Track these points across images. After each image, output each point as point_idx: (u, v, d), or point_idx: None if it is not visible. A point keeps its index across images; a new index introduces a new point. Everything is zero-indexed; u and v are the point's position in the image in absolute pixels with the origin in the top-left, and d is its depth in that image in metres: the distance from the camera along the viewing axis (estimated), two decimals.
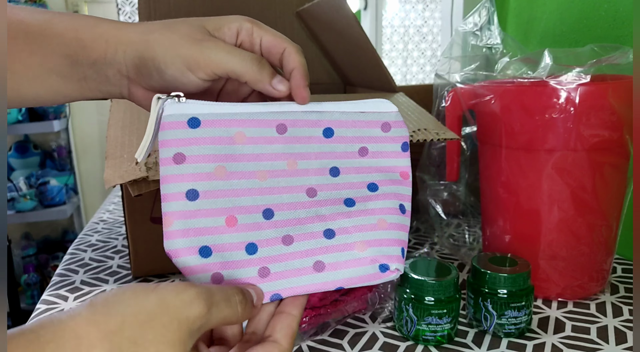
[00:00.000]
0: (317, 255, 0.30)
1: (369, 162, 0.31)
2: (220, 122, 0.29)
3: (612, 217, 0.50)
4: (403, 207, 0.32)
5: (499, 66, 0.53)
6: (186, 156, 0.28)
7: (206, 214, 0.28)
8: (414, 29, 1.80)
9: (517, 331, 0.45)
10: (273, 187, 0.30)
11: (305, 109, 0.30)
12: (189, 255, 0.28)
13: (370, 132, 0.31)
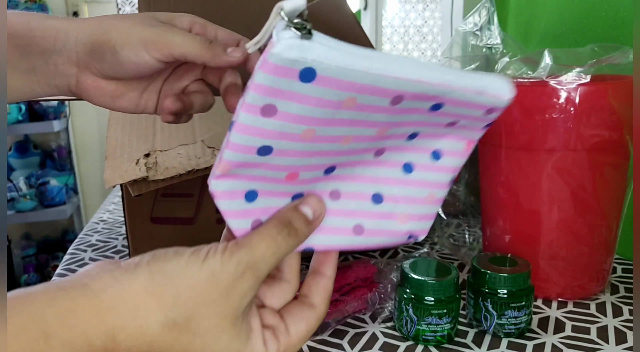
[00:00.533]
0: (360, 217, 0.30)
1: (448, 131, 0.29)
2: (338, 82, 0.23)
3: (612, 217, 0.50)
4: (452, 180, 0.32)
5: (499, 66, 0.53)
6: (278, 111, 0.23)
7: (270, 167, 0.25)
8: (414, 29, 1.80)
9: (517, 331, 0.45)
10: (351, 149, 0.27)
11: (436, 81, 0.25)
12: (233, 199, 0.26)
13: (474, 112, 0.28)
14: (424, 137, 0.30)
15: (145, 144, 0.46)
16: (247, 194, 0.26)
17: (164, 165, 0.44)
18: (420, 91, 0.25)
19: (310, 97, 0.23)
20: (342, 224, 0.29)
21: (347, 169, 0.29)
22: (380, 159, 0.30)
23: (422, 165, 0.30)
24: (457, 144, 0.31)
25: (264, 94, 0.22)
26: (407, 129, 0.28)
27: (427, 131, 0.29)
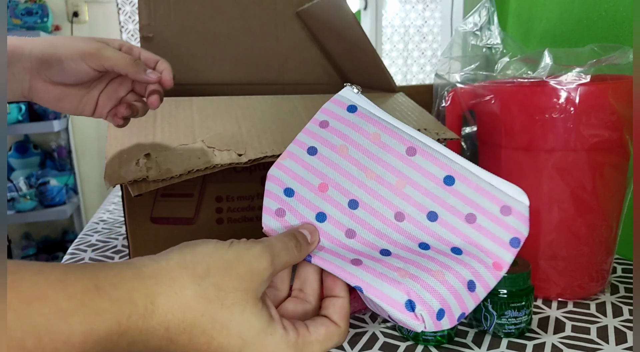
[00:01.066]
0: (361, 256, 0.31)
1: (470, 231, 0.29)
2: (369, 118, 0.34)
3: (612, 217, 0.50)
4: (474, 284, 0.28)
5: (499, 66, 0.53)
6: (329, 126, 0.34)
7: (311, 169, 0.33)
8: (414, 29, 1.80)
9: (517, 331, 0.45)
10: (373, 188, 0.32)
11: (440, 149, 0.31)
12: (277, 186, 0.33)
13: (488, 205, 0.29)
14: (445, 226, 0.30)
15: (145, 144, 0.46)
16: (286, 190, 0.33)
17: (164, 165, 0.44)
18: (430, 152, 0.31)
19: (350, 122, 0.34)
20: (344, 254, 0.31)
21: (369, 216, 0.31)
22: (400, 225, 0.31)
23: (438, 251, 0.30)
24: (483, 255, 0.29)
25: (325, 115, 0.35)
26: (426, 199, 0.30)
27: (447, 218, 0.30)
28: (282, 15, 0.76)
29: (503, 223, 0.29)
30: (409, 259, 0.30)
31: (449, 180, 0.30)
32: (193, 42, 0.73)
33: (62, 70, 0.40)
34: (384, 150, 0.32)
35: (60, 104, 0.42)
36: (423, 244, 0.30)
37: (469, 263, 0.29)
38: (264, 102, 0.57)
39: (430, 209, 0.30)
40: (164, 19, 0.72)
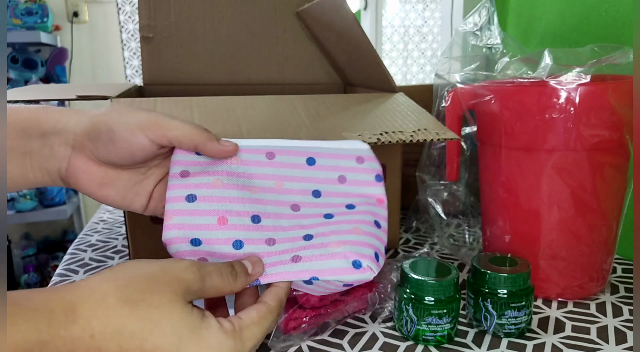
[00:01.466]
0: (295, 251, 0.33)
1: (347, 188, 0.35)
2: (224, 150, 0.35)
3: (612, 217, 0.50)
4: (378, 223, 0.35)
5: (499, 66, 0.53)
6: (190, 173, 0.34)
7: (201, 213, 0.33)
8: (414, 29, 1.80)
9: (517, 331, 0.45)
10: (262, 199, 0.34)
11: (291, 144, 0.36)
12: (181, 243, 0.32)
13: (346, 163, 0.35)
14: (330, 195, 0.35)
15: None
16: (192, 240, 0.33)
17: None
18: (286, 149, 0.35)
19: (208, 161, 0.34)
20: (280, 259, 0.33)
21: (273, 220, 0.34)
22: (300, 213, 0.35)
23: (340, 213, 0.35)
24: (367, 199, 0.35)
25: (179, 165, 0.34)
26: (304, 184, 0.35)
27: (327, 189, 0.35)
28: (282, 15, 0.76)
29: (363, 169, 0.35)
30: (327, 232, 0.34)
31: (310, 161, 0.35)
32: (193, 42, 0.73)
33: (113, 143, 0.32)
34: (249, 166, 0.35)
35: (104, 191, 0.34)
36: (327, 215, 0.35)
37: (364, 210, 0.35)
38: (264, 102, 0.57)
39: (312, 188, 0.35)
40: (164, 19, 0.72)
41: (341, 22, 0.62)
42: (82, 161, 0.34)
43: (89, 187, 0.34)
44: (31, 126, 0.33)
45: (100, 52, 2.20)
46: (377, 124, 0.52)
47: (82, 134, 0.33)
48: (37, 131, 0.33)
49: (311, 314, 0.44)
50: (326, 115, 0.54)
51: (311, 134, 0.49)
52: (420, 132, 0.50)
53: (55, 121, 0.33)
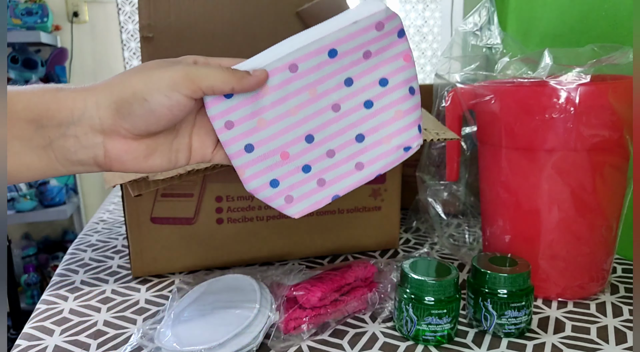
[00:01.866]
0: (356, 158, 0.37)
1: (374, 61, 0.35)
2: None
3: (612, 217, 0.50)
4: (412, 88, 0.36)
5: (499, 66, 0.53)
6: (233, 122, 0.35)
7: (265, 157, 0.36)
8: (414, 29, 1.80)
9: (517, 331, 0.45)
10: (305, 116, 0.36)
11: (306, 42, 0.34)
12: (264, 189, 0.37)
13: (367, 36, 0.34)
14: (361, 76, 0.36)
15: None
16: (271, 183, 0.37)
17: None
18: (305, 52, 0.34)
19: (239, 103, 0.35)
20: (347, 168, 0.38)
21: (324, 131, 0.36)
22: (342, 112, 0.36)
23: (377, 96, 0.37)
24: (395, 63, 0.36)
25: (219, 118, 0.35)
26: (334, 79, 0.35)
27: (356, 71, 0.35)
28: (282, 15, 0.76)
29: (385, 33, 0.34)
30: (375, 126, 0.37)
31: (332, 53, 0.34)
32: (193, 42, 0.73)
33: (150, 112, 0.30)
34: (279, 89, 0.35)
35: (149, 162, 0.33)
36: (367, 103, 0.37)
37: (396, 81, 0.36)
38: None
39: (342, 79, 0.35)
40: (164, 19, 0.72)
41: None
42: (119, 143, 0.32)
43: (135, 165, 0.33)
44: (42, 116, 0.30)
45: (101, 52, 2.20)
46: None
47: (109, 116, 0.30)
48: (52, 122, 0.30)
49: (311, 314, 0.44)
50: None
51: None
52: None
53: (70, 109, 0.30)
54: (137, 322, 0.48)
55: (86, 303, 0.52)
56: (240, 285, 0.48)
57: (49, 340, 0.45)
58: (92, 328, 0.47)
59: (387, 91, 0.36)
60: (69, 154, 0.31)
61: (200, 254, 0.59)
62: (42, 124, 0.30)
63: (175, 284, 0.55)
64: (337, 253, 0.65)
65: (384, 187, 0.64)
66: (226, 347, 0.40)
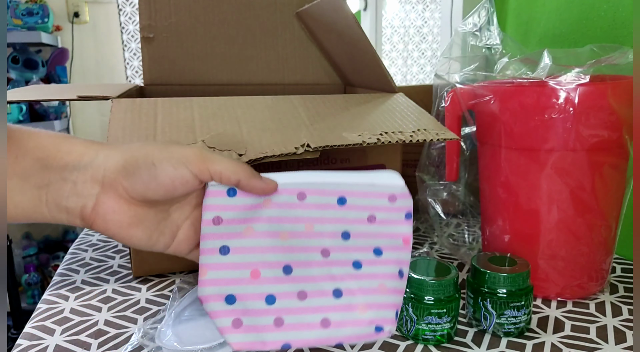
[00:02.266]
0: (325, 312, 0.34)
1: (376, 228, 0.35)
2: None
3: (612, 217, 0.50)
4: (402, 272, 0.35)
5: (499, 66, 0.53)
6: (223, 219, 0.33)
7: (234, 267, 0.33)
8: (414, 30, 1.80)
9: (517, 330, 0.45)
10: (293, 246, 0.34)
11: (322, 180, 0.35)
12: (216, 301, 0.33)
13: (378, 202, 0.35)
14: (359, 237, 0.35)
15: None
16: (226, 297, 0.33)
17: None
18: (318, 187, 0.34)
19: (239, 205, 0.33)
20: (311, 320, 0.34)
21: (304, 270, 0.34)
22: (329, 259, 0.35)
23: (368, 261, 0.35)
24: (394, 241, 0.35)
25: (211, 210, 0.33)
26: (334, 226, 0.35)
27: (356, 229, 0.35)
28: (282, 15, 0.76)
29: (395, 208, 0.35)
30: (355, 288, 0.34)
31: (342, 201, 0.34)
32: (193, 42, 0.73)
33: (153, 178, 0.30)
34: (280, 208, 0.34)
35: (131, 231, 0.32)
36: (355, 263, 0.35)
37: (391, 257, 0.35)
38: (264, 102, 0.57)
39: (341, 230, 0.35)
40: (164, 20, 0.72)
41: (341, 22, 0.62)
42: (112, 200, 0.31)
43: (116, 228, 0.32)
44: (50, 156, 0.30)
45: (101, 52, 2.21)
46: (377, 124, 0.52)
47: (114, 170, 0.30)
48: (58, 163, 0.30)
49: None
50: (326, 115, 0.55)
51: (311, 134, 0.49)
52: (420, 133, 0.50)
53: (80, 154, 0.31)
54: (138, 321, 0.48)
55: (87, 303, 0.53)
56: None
57: (49, 339, 0.46)
58: (93, 328, 0.47)
59: (379, 261, 0.35)
60: (60, 199, 0.31)
61: None
62: (48, 163, 0.30)
63: (175, 283, 0.55)
64: None
65: None
66: (226, 347, 0.40)
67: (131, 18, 2.19)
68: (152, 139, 0.47)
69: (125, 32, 2.18)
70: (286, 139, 0.48)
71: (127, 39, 2.18)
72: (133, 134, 0.48)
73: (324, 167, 0.61)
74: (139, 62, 2.20)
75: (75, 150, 0.31)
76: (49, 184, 0.31)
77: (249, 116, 0.53)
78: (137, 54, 2.20)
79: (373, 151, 0.62)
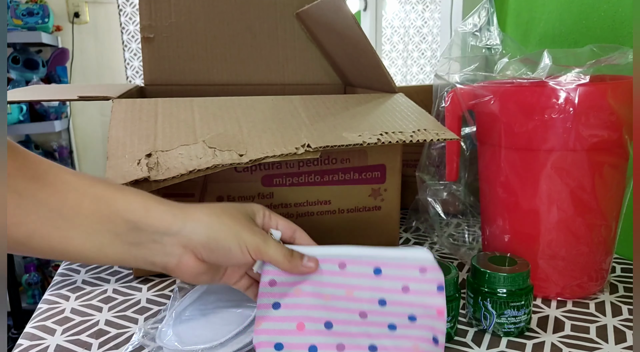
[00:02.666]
0: None
1: (410, 298, 0.38)
2: None
3: (611, 217, 0.50)
4: (436, 339, 0.37)
5: (499, 67, 0.53)
6: (277, 282, 0.39)
7: (284, 320, 0.39)
8: (413, 30, 1.80)
9: (517, 330, 0.45)
10: (334, 306, 0.39)
11: (360, 253, 0.39)
12: (267, 347, 0.38)
13: (410, 273, 0.38)
14: (394, 304, 0.38)
15: (147, 144, 0.47)
16: (275, 345, 0.38)
17: (165, 165, 0.44)
18: (356, 258, 0.39)
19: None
20: None
21: (343, 327, 0.38)
22: (367, 320, 0.38)
23: (403, 325, 0.38)
24: (428, 310, 0.38)
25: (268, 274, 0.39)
26: (371, 293, 0.38)
27: (392, 298, 0.38)
28: (282, 16, 0.76)
29: (426, 280, 0.38)
30: (390, 346, 0.37)
31: (377, 271, 0.38)
32: (194, 43, 0.73)
33: (226, 257, 0.38)
34: (323, 275, 0.39)
35: (199, 278, 0.40)
36: (391, 325, 0.38)
37: (425, 324, 0.37)
38: (265, 102, 0.57)
39: (378, 297, 0.38)
40: (164, 20, 0.72)
41: (341, 23, 0.62)
42: (191, 259, 0.38)
43: (189, 277, 0.39)
44: (141, 220, 0.36)
45: (101, 52, 2.21)
46: (377, 125, 0.52)
47: (198, 243, 0.37)
48: (150, 228, 0.36)
49: None
50: (326, 115, 0.55)
51: (311, 134, 0.49)
52: (420, 133, 0.51)
53: (169, 223, 0.37)
54: (139, 321, 0.49)
55: (88, 303, 0.53)
56: None
57: (50, 339, 0.46)
58: (93, 327, 0.47)
59: (413, 326, 0.38)
60: (148, 255, 0.37)
61: None
62: (139, 226, 0.36)
63: (176, 283, 0.55)
64: None
65: (384, 187, 0.64)
66: (227, 347, 0.40)
67: (131, 18, 2.19)
68: (154, 139, 0.47)
69: (126, 32, 2.18)
70: (286, 139, 0.49)
71: (127, 39, 2.18)
72: (134, 134, 0.48)
73: (324, 167, 0.61)
74: (139, 62, 2.20)
75: (165, 219, 0.37)
76: (140, 243, 0.36)
77: (249, 116, 0.53)
78: (137, 54, 2.20)
79: (373, 151, 0.62)
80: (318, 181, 0.61)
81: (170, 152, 0.46)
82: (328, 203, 0.63)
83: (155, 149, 0.46)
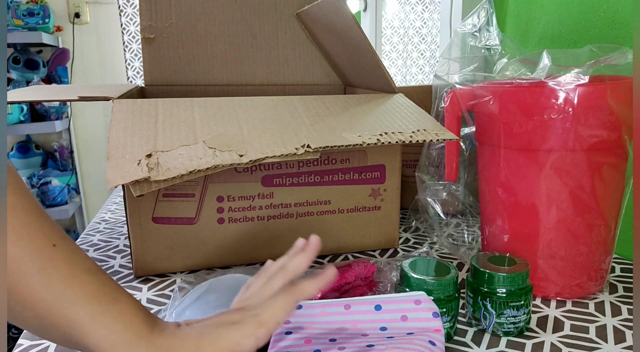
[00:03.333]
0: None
1: (408, 324, 0.42)
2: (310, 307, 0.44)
3: (611, 217, 0.50)
4: (433, 342, 0.40)
5: (498, 67, 0.54)
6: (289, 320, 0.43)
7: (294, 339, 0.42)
8: (413, 30, 1.80)
9: (516, 330, 0.45)
10: (340, 334, 0.43)
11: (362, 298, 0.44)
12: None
13: (407, 305, 0.42)
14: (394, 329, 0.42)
15: (147, 144, 0.47)
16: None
17: (166, 165, 0.44)
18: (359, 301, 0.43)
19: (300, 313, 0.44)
20: None
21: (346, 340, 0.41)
22: (369, 338, 0.42)
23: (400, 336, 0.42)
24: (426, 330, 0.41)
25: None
26: (372, 324, 0.42)
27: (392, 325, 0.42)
28: (283, 16, 0.76)
29: (421, 309, 0.42)
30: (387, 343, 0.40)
31: (378, 307, 0.42)
32: (194, 43, 0.74)
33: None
34: (331, 315, 0.43)
35: None
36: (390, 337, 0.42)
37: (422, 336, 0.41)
38: (265, 103, 0.57)
39: (380, 326, 0.43)
40: (165, 20, 0.72)
41: (341, 23, 0.62)
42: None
43: None
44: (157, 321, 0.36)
45: (102, 53, 2.21)
46: (376, 125, 0.53)
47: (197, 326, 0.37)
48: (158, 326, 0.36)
49: None
50: (326, 115, 0.55)
51: (311, 134, 0.50)
52: (420, 133, 0.51)
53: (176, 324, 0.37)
54: None
55: None
56: (242, 284, 0.48)
57: None
58: None
59: (412, 339, 0.41)
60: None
61: (202, 254, 0.60)
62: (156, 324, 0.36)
63: (176, 283, 0.55)
64: (337, 253, 0.65)
65: (384, 187, 0.64)
66: None
67: (132, 19, 2.19)
68: (154, 140, 0.47)
69: (126, 33, 2.19)
70: (286, 140, 0.49)
71: (128, 39, 2.19)
72: (134, 135, 0.48)
73: (324, 168, 0.61)
74: (140, 62, 2.20)
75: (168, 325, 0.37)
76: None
77: (249, 117, 0.53)
78: (138, 54, 2.20)
79: (373, 151, 0.62)
80: (318, 181, 0.62)
81: (171, 153, 0.46)
82: (328, 203, 0.63)
83: (155, 150, 0.46)
